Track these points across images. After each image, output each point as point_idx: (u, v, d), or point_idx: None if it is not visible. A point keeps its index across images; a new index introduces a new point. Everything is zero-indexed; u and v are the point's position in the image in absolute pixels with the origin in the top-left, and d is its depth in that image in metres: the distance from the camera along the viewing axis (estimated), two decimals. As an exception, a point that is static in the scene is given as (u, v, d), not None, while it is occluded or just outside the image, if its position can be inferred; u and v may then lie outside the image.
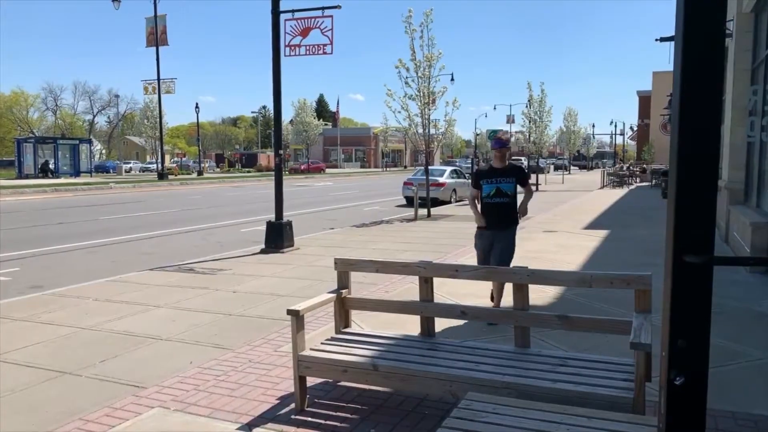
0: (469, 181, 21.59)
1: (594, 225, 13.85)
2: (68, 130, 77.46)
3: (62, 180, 37.28)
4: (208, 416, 3.70)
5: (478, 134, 79.72)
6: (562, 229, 12.94)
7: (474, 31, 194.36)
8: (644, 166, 42.65)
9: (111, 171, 54.14)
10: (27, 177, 39.55)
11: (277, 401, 3.88)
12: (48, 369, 4.54)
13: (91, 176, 43.51)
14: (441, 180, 21.36)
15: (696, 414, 1.23)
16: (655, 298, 3.28)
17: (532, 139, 29.89)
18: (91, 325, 5.70)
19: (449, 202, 21.10)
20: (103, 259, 10.03)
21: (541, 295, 6.41)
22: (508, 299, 4.23)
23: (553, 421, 2.62)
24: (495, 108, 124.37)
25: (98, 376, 4.40)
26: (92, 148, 54.59)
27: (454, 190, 21.96)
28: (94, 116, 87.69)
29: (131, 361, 4.75)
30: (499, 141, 5.93)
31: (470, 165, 21.55)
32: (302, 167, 56.13)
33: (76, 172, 43.14)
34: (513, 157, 68.84)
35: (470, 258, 8.11)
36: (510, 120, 57.13)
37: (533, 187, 6.01)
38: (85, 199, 24.73)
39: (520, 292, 3.72)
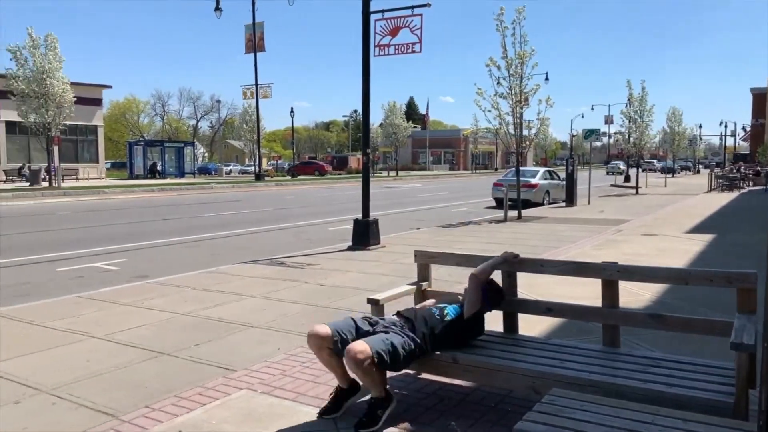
0: (563, 182, 21.12)
1: (698, 229, 13.00)
2: (174, 134, 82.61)
3: (168, 180, 39.79)
4: (292, 400, 3.80)
5: (574, 135, 77.13)
6: (663, 232, 12.24)
7: (569, 32, 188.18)
8: (758, 168, 39.54)
9: (212, 173, 57.11)
10: (137, 177, 42.54)
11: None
12: (148, 349, 4.85)
13: (194, 177, 46.14)
14: (533, 181, 20.80)
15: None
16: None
17: (631, 140, 28.48)
18: (188, 312, 6.03)
19: (542, 204, 20.53)
20: (202, 253, 10.59)
21: (634, 298, 6.10)
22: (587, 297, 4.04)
23: (644, 422, 2.47)
24: (593, 108, 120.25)
25: (193, 358, 4.64)
26: (195, 151, 57.84)
27: (548, 191, 21.34)
28: (198, 121, 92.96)
29: (223, 345, 4.98)
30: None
31: (565, 167, 20.80)
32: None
33: (181, 173, 45.88)
34: (613, 161, 66.09)
35: (562, 258, 7.83)
36: (608, 120, 54.85)
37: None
38: (188, 198, 26.25)
39: (610, 289, 3.55)
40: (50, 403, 3.80)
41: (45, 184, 31.03)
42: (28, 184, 32.02)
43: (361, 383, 3.50)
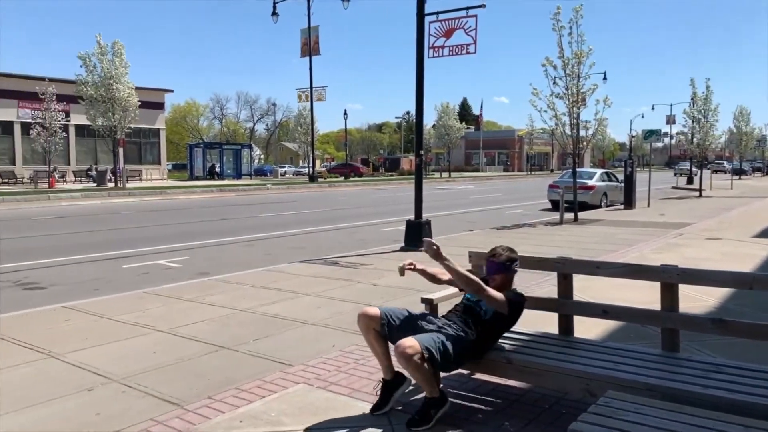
0: (621, 184, 20.55)
1: (766, 233, 12.43)
2: (232, 136, 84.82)
3: (226, 181, 40.94)
4: (347, 395, 3.90)
5: (633, 136, 74.86)
6: (728, 236, 11.77)
7: (629, 29, 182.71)
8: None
9: (268, 174, 58.40)
10: (197, 178, 43.95)
11: (412, 387, 3.98)
12: (210, 343, 5.05)
13: (250, 178, 47.30)
14: (590, 183, 20.36)
15: None
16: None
17: (695, 140, 27.44)
18: (247, 308, 6.24)
19: (599, 207, 20.06)
20: (259, 252, 10.88)
21: (695, 303, 5.92)
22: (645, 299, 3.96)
23: (703, 426, 2.43)
24: (653, 108, 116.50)
25: (251, 352, 4.81)
26: (252, 153, 59.18)
27: (605, 193, 20.84)
28: (254, 124, 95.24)
29: (280, 341, 5.13)
30: (492, 265, 3.85)
31: (623, 169, 20.27)
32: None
33: (238, 175, 47.11)
34: (681, 162, 63.74)
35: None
36: (670, 120, 52.87)
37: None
38: (245, 198, 26.94)
39: (669, 293, 3.48)
40: (120, 391, 4.02)
41: (111, 184, 32.48)
42: (96, 184, 33.59)
43: (412, 380, 3.55)
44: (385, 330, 3.51)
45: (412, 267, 3.63)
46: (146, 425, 3.49)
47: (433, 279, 3.88)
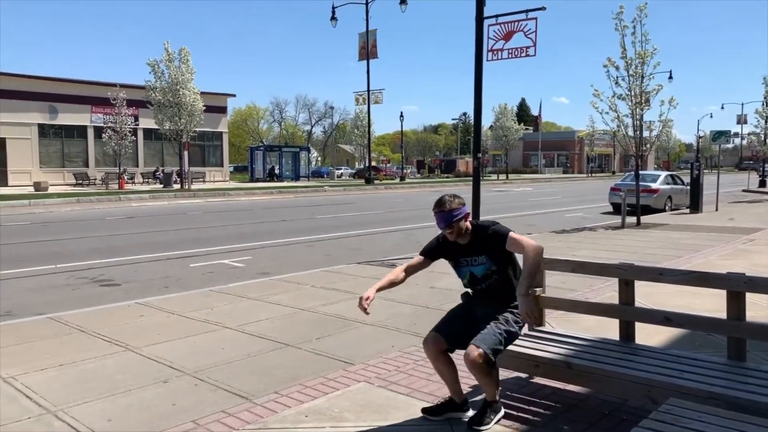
0: (687, 187, 19.81)
1: None
2: (290, 139, 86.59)
3: (285, 183, 41.88)
4: (407, 395, 4.01)
5: (701, 136, 71.97)
6: (802, 242, 11.23)
7: (696, 25, 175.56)
8: None
9: (324, 176, 59.30)
10: (257, 180, 45.14)
11: (470, 389, 4.04)
12: (274, 341, 5.26)
13: (308, 180, 48.18)
14: (654, 186, 19.77)
15: None
16: None
17: None
18: (308, 307, 6.45)
19: (663, 211, 19.46)
20: (318, 253, 11.15)
21: (765, 312, 5.73)
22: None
23: (769, 437, 2.41)
24: (723, 107, 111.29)
25: (314, 351, 4.99)
26: (310, 155, 60.25)
27: (670, 197, 20.20)
28: (312, 126, 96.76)
29: (341, 340, 5.29)
30: (442, 217, 3.58)
31: (690, 171, 19.58)
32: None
33: (296, 177, 48.08)
34: (745, 161, 60.66)
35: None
36: (741, 120, 50.62)
37: (530, 242, 3.50)
38: (303, 200, 27.51)
39: (736, 301, 3.42)
40: (193, 384, 4.27)
41: (176, 186, 33.81)
42: (162, 185, 35.02)
43: (478, 383, 3.62)
44: (452, 347, 3.56)
45: (368, 302, 3.44)
46: (218, 417, 3.70)
47: (394, 284, 3.72)
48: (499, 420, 3.52)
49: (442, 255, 3.81)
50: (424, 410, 3.67)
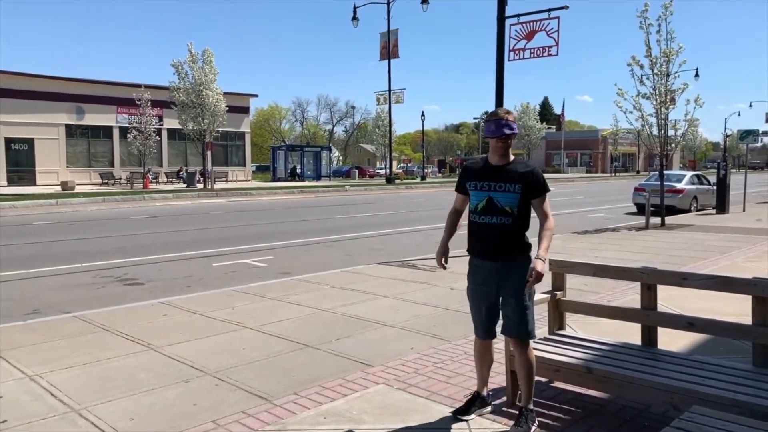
0: (713, 187, 19.47)
1: None
2: (312, 138, 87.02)
3: (306, 183, 42.08)
4: (426, 398, 4.00)
5: (728, 135, 70.61)
6: (833, 244, 10.96)
7: (724, 23, 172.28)
8: None
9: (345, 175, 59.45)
10: (279, 180, 45.42)
11: (490, 393, 4.03)
12: (295, 341, 5.29)
13: (329, 180, 48.33)
14: (679, 186, 19.46)
15: None
16: None
17: (796, 139, 25.60)
18: (328, 308, 6.47)
19: (689, 211, 19.14)
20: (338, 253, 11.19)
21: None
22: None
23: (795, 447, 2.36)
24: (751, 105, 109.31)
25: (334, 352, 5.01)
26: (331, 155, 60.43)
27: (695, 197, 19.86)
28: (333, 126, 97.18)
29: (360, 341, 5.30)
30: (498, 123, 3.48)
31: (716, 170, 19.23)
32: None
33: (318, 176, 48.28)
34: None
35: (708, 271, 7.33)
36: (769, 118, 49.64)
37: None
38: (324, 199, 27.62)
39: (761, 307, 3.35)
40: (214, 384, 4.31)
41: (200, 185, 34.18)
42: (185, 185, 35.45)
43: (520, 386, 3.62)
44: (501, 333, 3.63)
45: (444, 260, 3.90)
46: (238, 417, 3.74)
47: (455, 229, 4.05)
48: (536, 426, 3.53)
49: (470, 179, 3.67)
50: (454, 411, 3.72)
